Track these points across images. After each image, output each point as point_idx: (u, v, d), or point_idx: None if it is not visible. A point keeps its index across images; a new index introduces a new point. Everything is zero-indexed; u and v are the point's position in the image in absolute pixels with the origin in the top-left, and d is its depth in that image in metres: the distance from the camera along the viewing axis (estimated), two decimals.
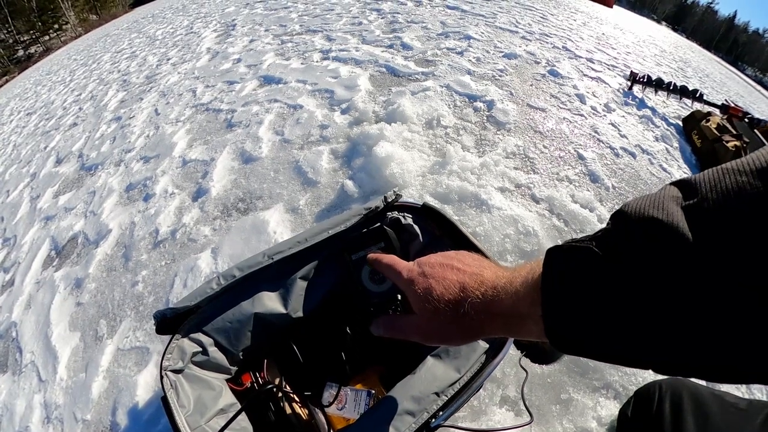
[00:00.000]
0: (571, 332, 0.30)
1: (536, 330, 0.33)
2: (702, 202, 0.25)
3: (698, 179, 0.27)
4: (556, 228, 1.53)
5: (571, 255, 0.31)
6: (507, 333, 0.39)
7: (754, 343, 0.22)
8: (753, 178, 0.23)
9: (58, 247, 1.88)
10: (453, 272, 0.43)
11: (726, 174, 0.25)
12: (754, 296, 0.21)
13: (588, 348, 0.30)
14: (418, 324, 0.45)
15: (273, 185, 1.72)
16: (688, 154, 2.54)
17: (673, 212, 0.26)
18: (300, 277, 0.78)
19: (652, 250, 0.26)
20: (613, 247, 0.28)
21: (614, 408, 1.05)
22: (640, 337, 0.26)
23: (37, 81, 8.33)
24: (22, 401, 1.25)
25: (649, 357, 0.27)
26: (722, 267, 0.22)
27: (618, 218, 0.30)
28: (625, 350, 0.28)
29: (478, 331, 0.40)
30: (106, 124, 3.18)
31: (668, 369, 0.27)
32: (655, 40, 7.75)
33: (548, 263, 0.32)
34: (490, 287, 0.39)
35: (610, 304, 0.27)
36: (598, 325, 0.28)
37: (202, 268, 1.40)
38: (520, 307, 0.35)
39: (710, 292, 0.23)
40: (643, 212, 0.27)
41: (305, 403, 0.77)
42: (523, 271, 0.36)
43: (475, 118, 2.15)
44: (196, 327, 0.71)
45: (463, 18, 4.16)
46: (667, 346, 0.25)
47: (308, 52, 3.27)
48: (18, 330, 1.50)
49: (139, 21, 10.02)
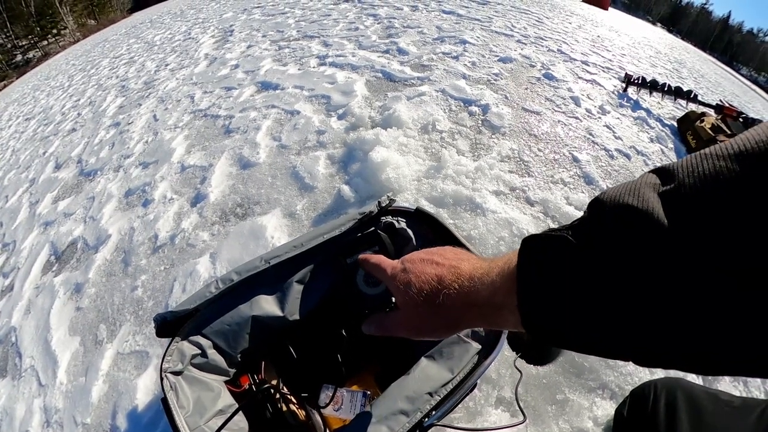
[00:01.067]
0: (547, 321, 0.30)
1: (513, 319, 0.33)
2: (679, 187, 0.25)
3: (676, 165, 0.27)
4: None
5: (547, 244, 0.31)
6: (485, 324, 0.39)
7: (732, 328, 0.22)
8: (731, 162, 0.23)
9: (58, 252, 1.89)
10: (431, 266, 0.44)
11: (704, 159, 0.25)
12: (732, 281, 0.21)
13: (565, 337, 0.30)
14: (402, 318, 0.46)
15: (270, 190, 1.73)
16: (683, 155, 2.53)
17: (648, 198, 0.25)
18: (296, 280, 0.79)
19: (626, 236, 0.26)
20: (588, 235, 0.28)
21: (610, 408, 1.06)
22: (616, 325, 0.26)
23: (36, 86, 8.33)
24: (21, 405, 1.26)
25: (628, 346, 0.27)
26: (699, 252, 0.22)
27: (594, 206, 0.29)
28: (603, 339, 0.28)
29: (457, 322, 0.41)
30: (104, 130, 3.19)
31: (648, 359, 0.27)
32: (651, 42, 7.79)
33: (523, 252, 0.33)
34: (467, 278, 0.39)
35: (585, 292, 0.27)
36: (573, 313, 0.28)
37: (201, 272, 1.41)
38: (497, 297, 0.35)
39: (687, 277, 0.23)
40: (618, 199, 0.27)
41: (302, 404, 0.78)
42: (501, 261, 0.37)
43: (470, 122, 2.18)
44: (195, 330, 0.73)
45: (458, 22, 4.19)
46: (644, 333, 0.25)
47: (305, 58, 3.30)
48: (18, 335, 1.51)
49: (138, 26, 10.04)
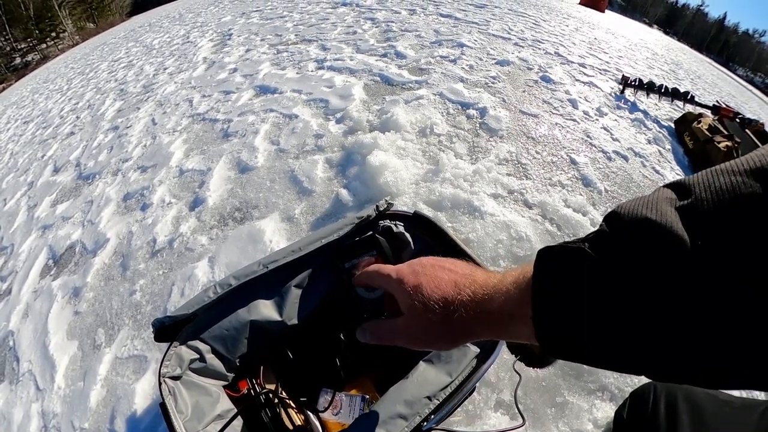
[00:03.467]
0: (562, 332, 0.29)
1: (526, 331, 0.32)
2: (697, 202, 0.25)
3: (692, 181, 0.27)
4: (549, 233, 1.55)
5: (563, 255, 0.30)
6: (496, 335, 0.38)
7: (750, 341, 0.22)
8: (747, 177, 0.23)
9: (56, 256, 1.88)
10: (445, 272, 0.42)
11: (720, 174, 0.25)
12: (751, 294, 0.21)
13: (580, 350, 0.29)
14: (404, 325, 0.43)
15: (269, 194, 1.74)
16: (681, 156, 2.58)
17: (666, 213, 0.25)
18: (294, 285, 0.79)
19: (645, 249, 0.25)
20: (606, 248, 0.28)
21: (610, 410, 1.06)
22: (633, 337, 0.26)
23: (34, 89, 8.33)
24: (19, 410, 1.26)
25: (644, 358, 0.26)
26: (719, 266, 0.22)
27: (611, 219, 0.29)
28: (619, 351, 0.27)
29: (468, 332, 0.39)
30: (103, 134, 3.19)
31: (663, 374, 0.26)
32: (647, 44, 7.83)
33: (539, 263, 0.32)
34: (481, 286, 0.38)
35: (602, 303, 0.27)
36: (589, 324, 0.28)
37: (199, 277, 1.41)
38: (511, 307, 0.34)
39: (708, 291, 0.23)
40: (636, 213, 0.27)
41: (301, 408, 0.78)
42: (515, 272, 0.36)
43: (468, 125, 2.18)
44: (193, 334, 0.73)
45: (456, 26, 4.21)
46: (661, 347, 0.25)
47: (303, 62, 3.31)
48: (15, 339, 1.51)
49: (136, 30, 10.05)
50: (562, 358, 0.31)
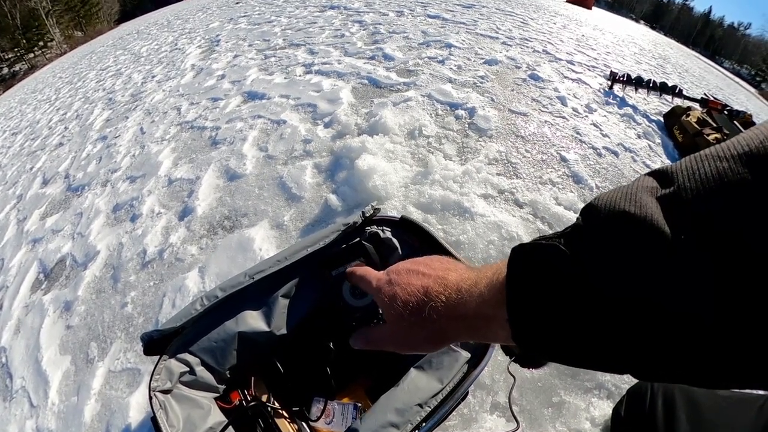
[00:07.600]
0: (539, 335, 0.28)
1: (503, 333, 0.32)
2: (680, 191, 0.23)
3: (674, 168, 0.25)
4: (540, 231, 1.55)
5: (537, 253, 0.29)
6: (473, 337, 0.37)
7: (742, 342, 0.21)
8: (734, 163, 0.22)
9: (47, 269, 1.87)
10: (417, 277, 0.42)
11: (704, 160, 0.24)
12: (738, 289, 0.20)
13: (558, 352, 0.28)
14: (388, 332, 0.44)
15: (258, 202, 1.73)
16: (671, 149, 2.59)
17: (646, 204, 0.24)
18: (282, 295, 0.79)
19: (622, 246, 0.24)
20: (581, 244, 0.27)
21: (607, 408, 1.06)
22: (611, 339, 0.25)
23: (22, 100, 8.24)
24: (14, 428, 1.24)
25: (626, 358, 0.25)
26: (705, 262, 0.21)
27: (588, 213, 0.28)
28: (599, 353, 0.26)
29: (443, 336, 0.39)
30: (92, 144, 3.17)
31: (648, 374, 0.26)
32: (634, 39, 7.87)
33: (513, 263, 0.31)
34: (454, 290, 0.37)
35: (577, 304, 0.26)
36: (567, 327, 0.26)
37: (190, 287, 1.40)
38: (485, 310, 0.34)
39: (693, 287, 0.21)
40: (613, 206, 0.26)
41: (293, 418, 0.78)
42: (489, 272, 0.35)
43: (457, 126, 2.19)
44: (182, 347, 0.73)
45: (444, 26, 4.22)
46: (641, 347, 0.24)
47: (291, 67, 3.30)
48: (7, 355, 1.49)
49: (124, 38, 9.98)
50: (544, 360, 0.30)
